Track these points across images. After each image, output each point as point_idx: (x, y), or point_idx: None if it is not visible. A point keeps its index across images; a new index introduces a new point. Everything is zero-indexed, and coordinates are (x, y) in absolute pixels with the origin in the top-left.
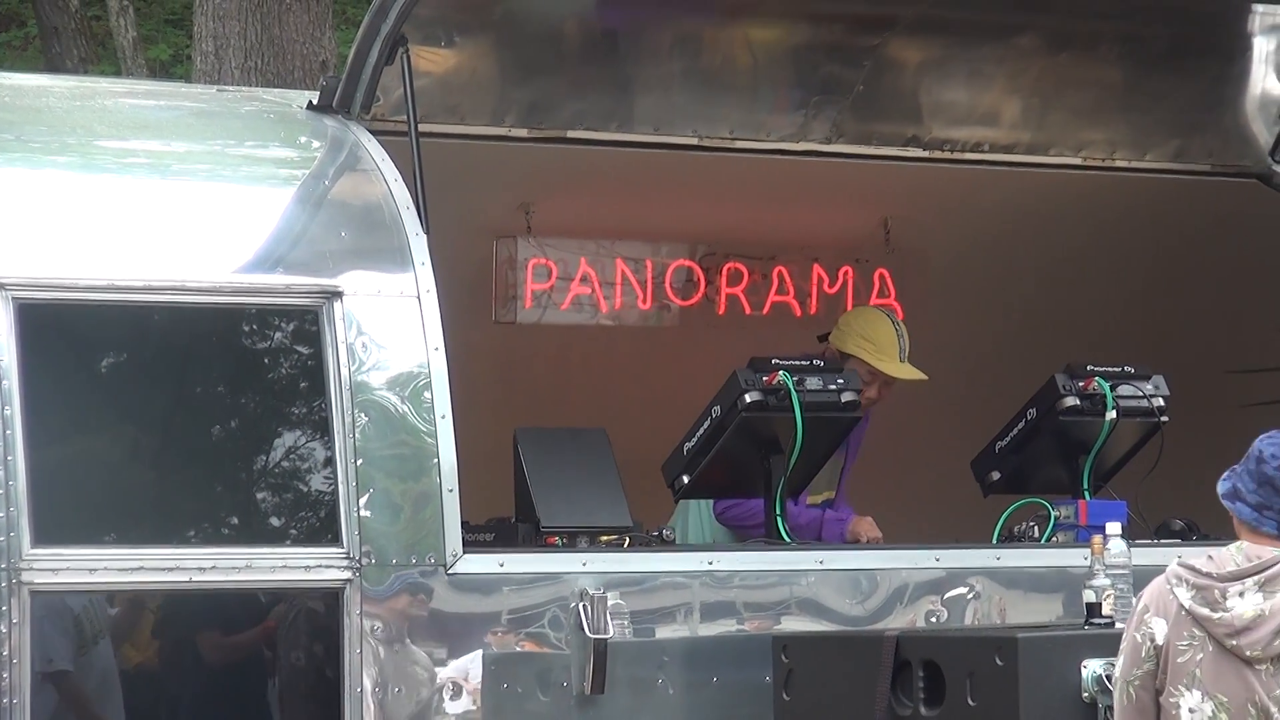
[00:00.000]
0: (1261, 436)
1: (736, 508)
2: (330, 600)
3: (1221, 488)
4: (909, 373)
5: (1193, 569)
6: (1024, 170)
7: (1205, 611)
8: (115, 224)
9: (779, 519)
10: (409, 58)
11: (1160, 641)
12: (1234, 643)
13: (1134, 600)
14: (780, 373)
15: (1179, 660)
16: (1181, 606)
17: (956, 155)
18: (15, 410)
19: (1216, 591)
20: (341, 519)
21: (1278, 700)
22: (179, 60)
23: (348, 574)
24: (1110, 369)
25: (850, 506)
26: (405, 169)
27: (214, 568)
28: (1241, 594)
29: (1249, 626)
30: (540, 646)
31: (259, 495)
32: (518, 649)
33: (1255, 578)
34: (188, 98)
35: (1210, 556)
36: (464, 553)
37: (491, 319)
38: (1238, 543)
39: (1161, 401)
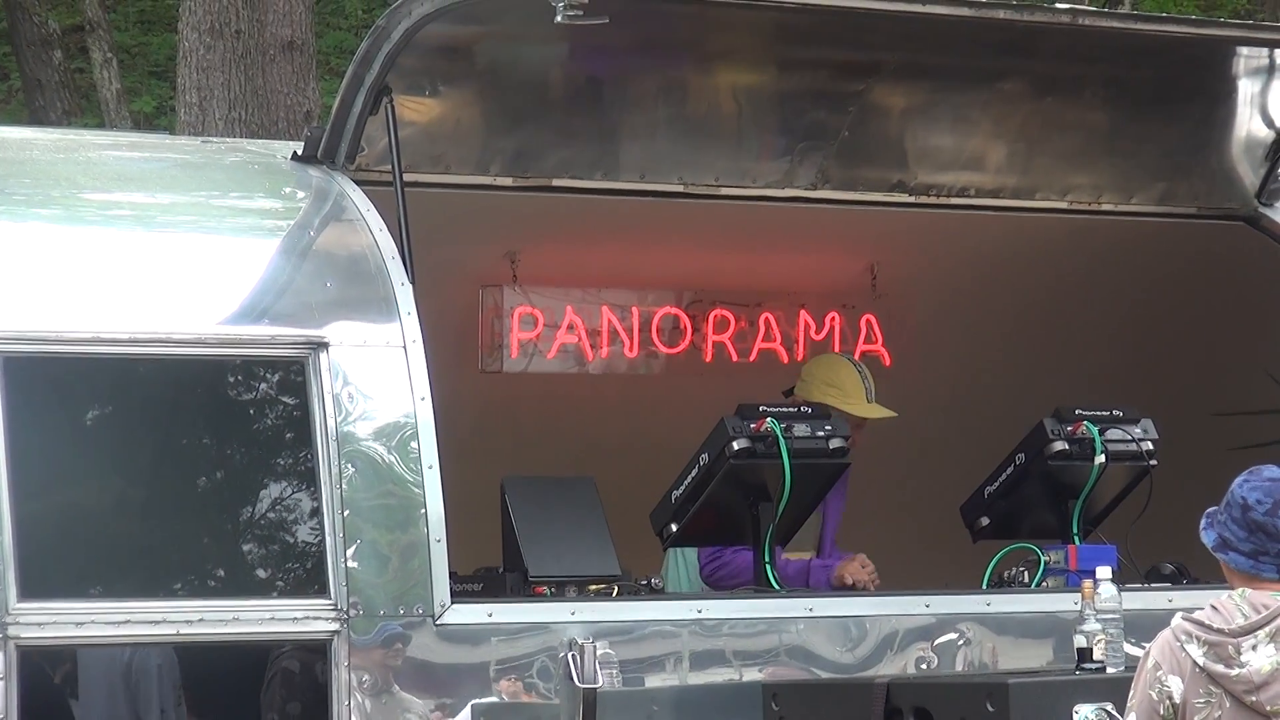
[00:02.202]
0: (1238, 481)
1: (723, 569)
2: (318, 652)
3: (1208, 539)
4: (878, 411)
5: (1200, 624)
6: (1010, 215)
7: (1221, 669)
8: (100, 276)
9: (768, 566)
10: (393, 107)
11: (1178, 700)
12: (1254, 699)
13: (1143, 659)
14: (768, 420)
15: (1196, 718)
16: (1195, 663)
17: (942, 200)
18: (1, 463)
19: (1230, 647)
20: (329, 570)
21: None
22: (163, 112)
23: (336, 625)
24: (1099, 413)
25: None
26: (390, 219)
27: (202, 620)
28: (1254, 647)
29: (1267, 682)
30: (530, 696)
31: (246, 547)
32: (507, 699)
33: (1266, 629)
34: (172, 149)
35: (1215, 607)
36: (452, 603)
37: (478, 368)
38: (1239, 590)
39: (1150, 445)
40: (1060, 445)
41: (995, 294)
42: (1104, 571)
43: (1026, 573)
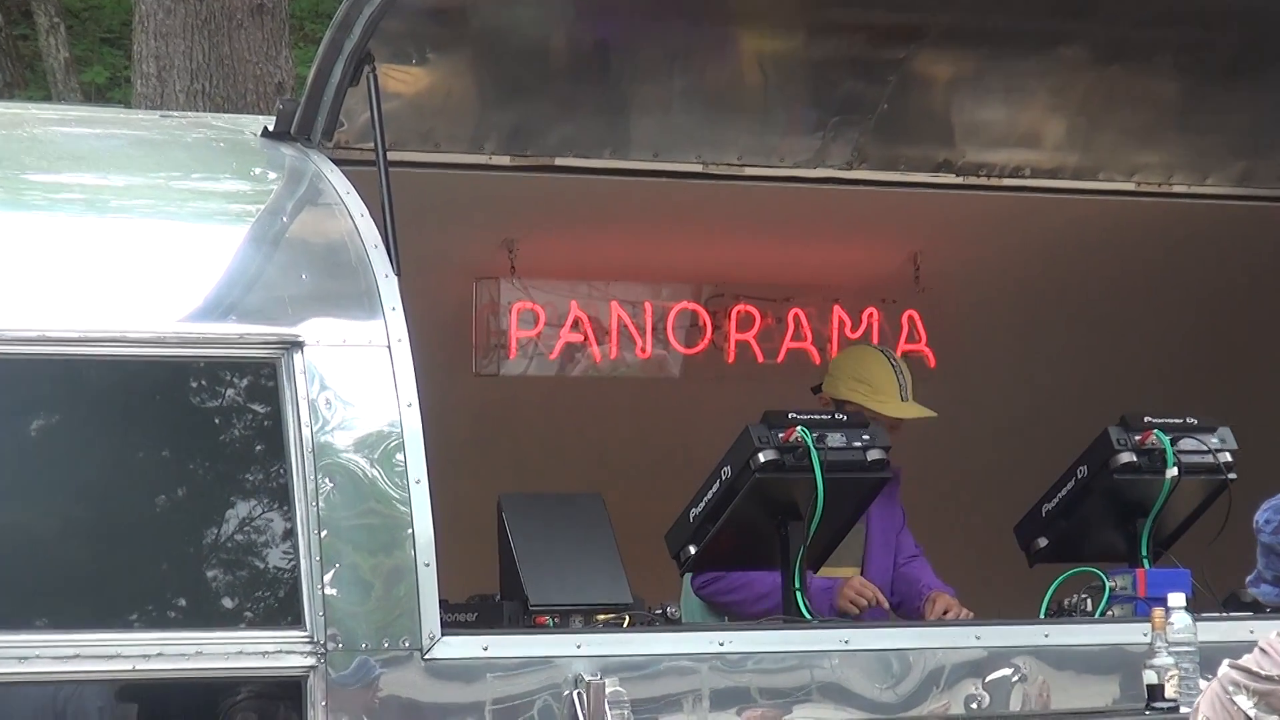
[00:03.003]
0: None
1: (716, 581)
2: (292, 690)
3: (1249, 578)
4: (913, 411)
5: (1248, 671)
6: (1070, 198)
7: None
8: (47, 268)
9: (798, 594)
10: (376, 77)
11: None
12: None
13: (1192, 716)
14: (798, 428)
15: None
16: (1247, 716)
17: (994, 182)
18: None
19: None
20: (304, 598)
21: None
22: (117, 83)
23: (311, 660)
24: (1170, 421)
25: (935, 577)
26: (373, 203)
27: (160, 655)
28: None
29: None
30: None
31: (210, 573)
32: None
33: None
34: (127, 125)
35: (1264, 650)
36: (443, 635)
37: (472, 371)
38: None
39: (1228, 456)
40: (1127, 457)
41: (1053, 287)
42: (1177, 599)
43: (1089, 600)
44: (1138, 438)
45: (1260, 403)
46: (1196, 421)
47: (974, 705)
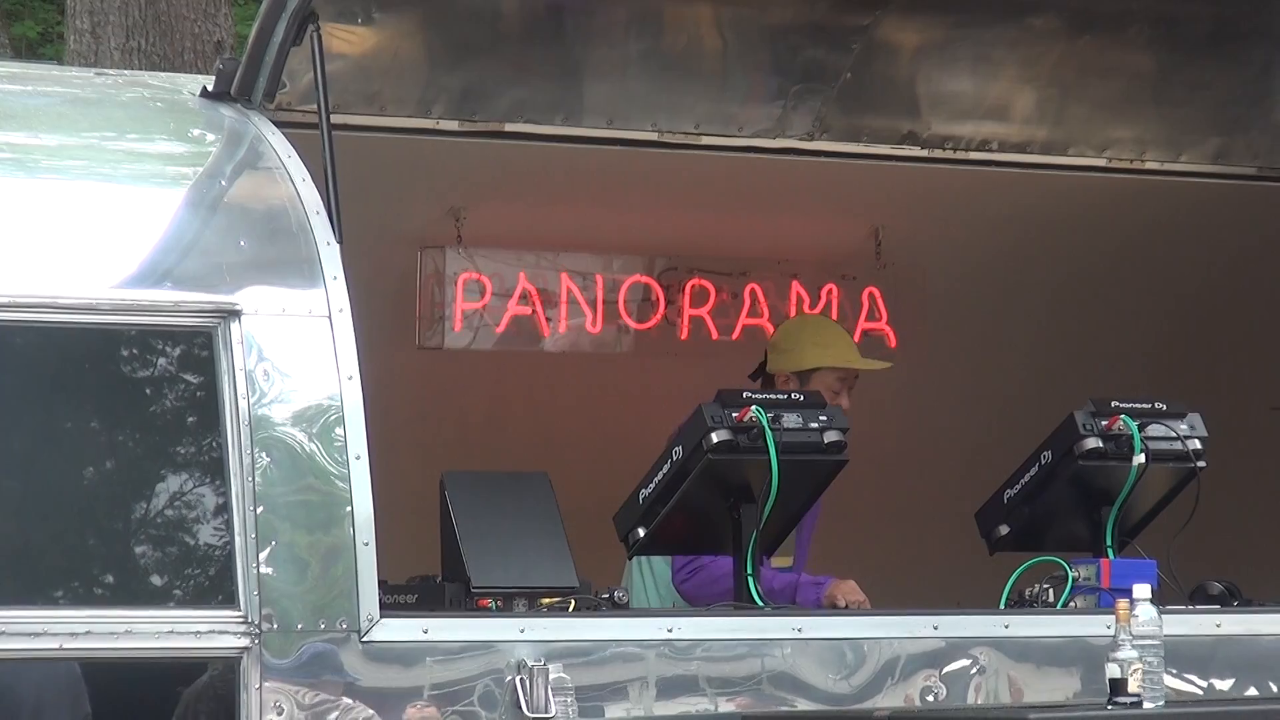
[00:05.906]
0: None
1: (697, 575)
2: (225, 672)
3: None
4: (879, 364)
5: None
6: (1039, 173)
7: None
8: None
9: (750, 579)
10: (320, 37)
11: None
12: None
13: None
14: (753, 408)
15: None
16: None
17: (960, 155)
18: None
19: None
20: (238, 577)
21: None
22: (49, 39)
23: (245, 641)
24: (1138, 406)
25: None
26: (315, 167)
27: (88, 633)
28: None
29: None
30: None
31: (141, 549)
32: None
33: None
34: (59, 82)
35: None
36: (381, 617)
37: (415, 343)
38: None
39: (1198, 444)
40: (1093, 443)
41: (1020, 265)
42: (1142, 590)
43: (1051, 590)
44: (1104, 423)
45: (1230, 387)
46: (1165, 407)
47: (930, 697)
